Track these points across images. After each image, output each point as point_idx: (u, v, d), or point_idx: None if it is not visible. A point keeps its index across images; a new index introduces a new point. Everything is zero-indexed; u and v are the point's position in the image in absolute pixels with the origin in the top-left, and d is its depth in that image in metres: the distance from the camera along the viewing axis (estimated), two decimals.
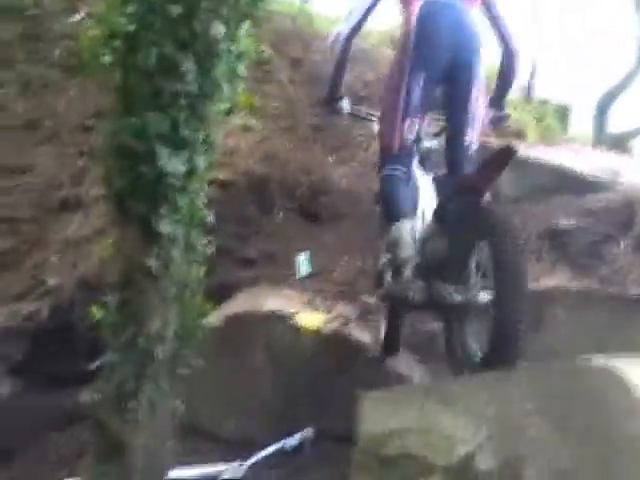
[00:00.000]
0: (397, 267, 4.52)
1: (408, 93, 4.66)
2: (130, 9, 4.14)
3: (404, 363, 5.32)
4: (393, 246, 4.55)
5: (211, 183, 6.31)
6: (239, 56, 4.35)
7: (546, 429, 3.38)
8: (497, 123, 5.34)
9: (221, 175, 6.91)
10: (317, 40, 9.23)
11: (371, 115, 5.37)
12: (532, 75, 12.27)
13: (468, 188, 4.18)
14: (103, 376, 4.30)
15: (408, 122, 4.70)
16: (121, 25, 4.12)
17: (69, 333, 6.22)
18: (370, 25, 5.44)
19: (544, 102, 10.31)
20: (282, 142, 7.57)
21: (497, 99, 5.15)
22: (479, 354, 4.18)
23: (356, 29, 4.96)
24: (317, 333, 5.56)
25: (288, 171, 7.17)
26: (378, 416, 3.93)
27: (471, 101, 4.72)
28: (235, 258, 6.59)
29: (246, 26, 4.36)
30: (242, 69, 4.38)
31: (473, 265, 4.19)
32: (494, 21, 4.95)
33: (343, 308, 5.75)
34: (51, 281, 6.65)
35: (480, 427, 3.57)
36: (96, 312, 4.51)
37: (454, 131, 4.81)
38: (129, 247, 4.26)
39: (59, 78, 8.83)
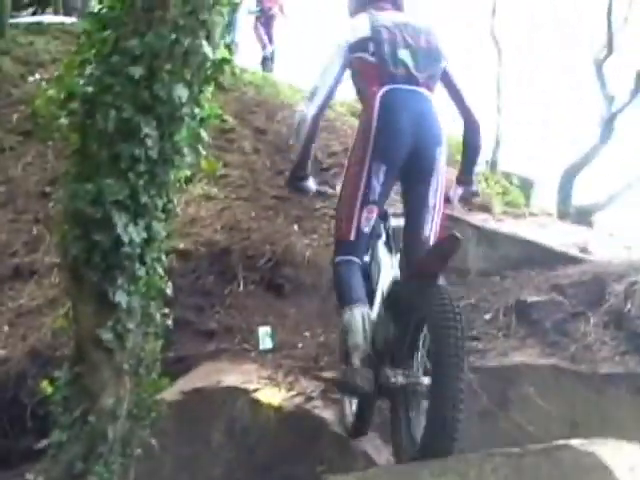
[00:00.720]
0: (347, 354, 4.42)
1: (367, 184, 4.55)
2: (88, 70, 3.98)
3: (370, 443, 5.10)
4: (344, 332, 4.46)
5: (170, 253, 6.21)
6: (202, 121, 4.20)
7: None
8: (467, 199, 5.39)
9: (181, 245, 6.77)
10: (282, 110, 9.22)
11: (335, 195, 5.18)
12: (496, 148, 12.33)
13: (422, 272, 4.11)
14: (50, 455, 4.09)
15: (365, 213, 4.59)
16: (79, 87, 3.97)
17: (17, 408, 5.99)
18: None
19: (507, 175, 10.31)
20: (244, 212, 7.43)
21: (465, 175, 5.07)
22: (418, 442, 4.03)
23: (322, 108, 4.84)
24: (279, 410, 5.35)
25: (250, 241, 7.03)
26: None
27: (431, 194, 4.62)
28: (194, 331, 6.39)
29: (210, 90, 4.22)
30: (205, 134, 4.23)
31: (419, 348, 4.15)
32: (455, 94, 4.89)
33: (306, 384, 5.56)
34: (0, 352, 6.38)
35: None
36: (46, 387, 4.31)
37: (412, 226, 4.70)
38: (83, 318, 4.06)
39: (16, 143, 8.68)
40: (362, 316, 4.35)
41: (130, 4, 3.94)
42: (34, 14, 12.63)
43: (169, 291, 4.44)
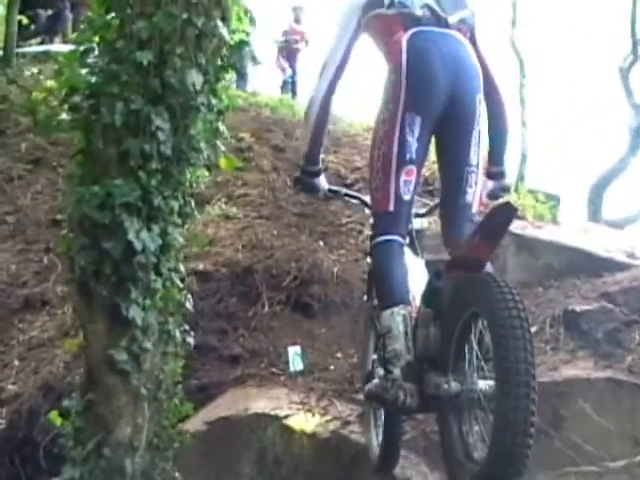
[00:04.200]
0: (386, 364, 3.75)
1: (401, 141, 3.85)
2: (92, 60, 3.54)
3: (414, 469, 4.62)
4: (383, 338, 3.76)
5: (190, 274, 5.79)
6: (220, 112, 3.74)
7: None
8: (498, 195, 4.44)
9: (200, 266, 6.37)
10: (299, 128, 8.86)
11: (351, 197, 4.63)
12: (522, 163, 11.94)
13: (466, 259, 3.44)
14: None
15: (404, 176, 3.87)
16: (82, 78, 3.52)
17: (30, 447, 5.55)
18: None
19: (533, 192, 9.90)
20: (266, 230, 7.05)
21: (494, 166, 4.36)
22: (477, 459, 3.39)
23: (332, 88, 4.14)
24: (313, 436, 4.89)
25: (274, 260, 6.62)
26: None
27: (472, 150, 3.95)
28: (218, 356, 5.94)
29: (228, 77, 3.77)
30: (223, 127, 3.78)
31: (472, 348, 3.42)
32: (482, 66, 4.10)
33: (341, 408, 5.11)
34: (10, 388, 5.94)
35: None
36: (55, 419, 3.87)
37: (452, 190, 4.03)
38: (94, 338, 3.60)
39: (25, 172, 8.34)
40: (405, 320, 3.70)
41: None
42: (42, 43, 12.38)
43: (189, 305, 3.97)
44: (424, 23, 3.94)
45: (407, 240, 4.11)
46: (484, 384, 3.34)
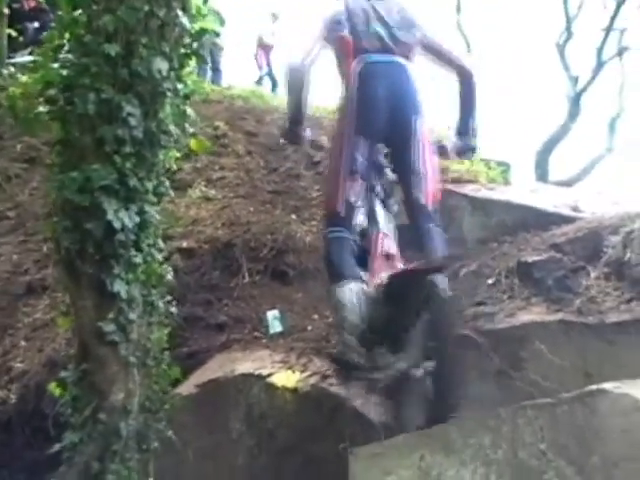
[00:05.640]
0: (340, 330, 4.18)
1: (349, 157, 4.29)
2: (64, 54, 3.41)
3: (390, 414, 4.54)
4: (335, 309, 4.21)
5: (174, 252, 5.67)
6: (186, 97, 3.62)
7: (567, 472, 2.66)
8: (465, 153, 4.97)
9: (184, 244, 6.26)
10: (270, 114, 8.80)
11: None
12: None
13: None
14: (66, 458, 3.52)
15: (349, 182, 4.31)
16: (55, 72, 3.39)
17: (39, 419, 5.44)
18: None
19: (485, 161, 9.81)
20: (243, 208, 6.93)
21: (462, 126, 4.68)
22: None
23: (310, 54, 4.39)
24: (295, 391, 4.79)
25: (251, 234, 6.51)
26: (373, 475, 3.17)
27: (414, 160, 4.39)
28: (204, 325, 5.85)
29: (191, 64, 3.65)
30: (191, 111, 3.66)
31: (416, 334, 3.94)
32: (440, 55, 4.62)
33: (319, 364, 5.01)
34: (18, 366, 5.82)
35: (489, 475, 2.84)
36: (55, 389, 3.76)
37: (406, 192, 4.49)
38: (83, 313, 3.49)
39: (21, 171, 8.19)
40: (356, 293, 4.07)
41: None
42: (30, 54, 12.12)
43: (170, 277, 3.86)
44: (373, 50, 4.36)
45: (382, 195, 4.56)
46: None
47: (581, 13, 12.81)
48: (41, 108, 3.47)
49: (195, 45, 3.57)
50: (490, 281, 5.59)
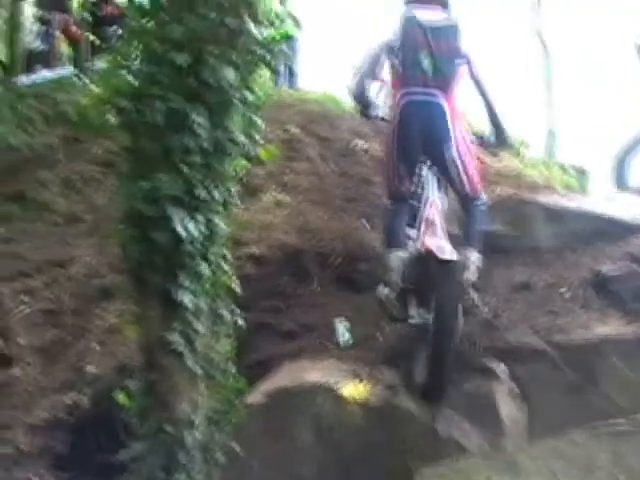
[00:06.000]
0: (388, 287, 5.06)
1: (394, 173, 5.19)
2: (135, 64, 3.38)
3: (458, 429, 4.44)
4: (385, 270, 5.07)
5: (244, 258, 5.62)
6: (255, 105, 3.56)
7: None
8: (493, 147, 5.67)
9: (255, 250, 6.23)
10: (343, 119, 8.70)
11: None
12: (550, 141, 11.58)
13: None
14: (131, 469, 3.50)
15: (397, 180, 5.19)
16: (126, 82, 3.37)
17: (112, 423, 5.45)
18: None
19: (562, 166, 9.58)
20: (314, 214, 6.85)
21: (491, 121, 5.33)
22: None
23: (369, 73, 5.24)
24: (363, 404, 4.77)
25: (322, 241, 6.47)
26: None
27: (449, 179, 5.20)
28: (273, 332, 5.78)
29: (261, 73, 3.59)
30: (259, 120, 3.60)
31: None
32: (477, 83, 5.23)
33: (388, 376, 4.93)
34: (91, 370, 5.85)
35: None
36: (122, 399, 3.75)
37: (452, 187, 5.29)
38: (149, 323, 3.46)
39: (98, 174, 8.23)
40: (401, 259, 4.98)
41: None
42: None
43: (237, 288, 3.81)
44: (415, 84, 5.03)
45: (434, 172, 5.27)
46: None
47: None
48: (111, 117, 3.44)
49: (265, 53, 3.49)
50: (564, 292, 5.47)
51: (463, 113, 5.32)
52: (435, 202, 5.23)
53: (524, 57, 14.11)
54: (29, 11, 11.41)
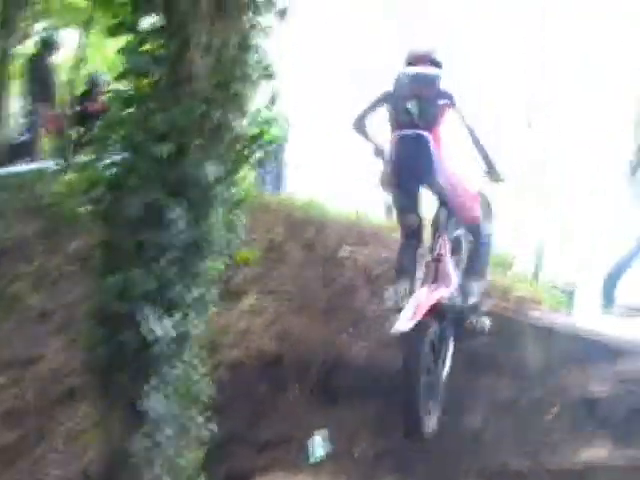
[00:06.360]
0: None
1: (398, 206, 5.82)
2: (114, 154, 3.25)
3: None
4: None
5: (221, 364, 5.42)
6: (237, 203, 3.41)
7: None
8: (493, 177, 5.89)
9: (233, 356, 6.10)
10: (329, 226, 8.56)
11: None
12: (538, 260, 11.54)
13: None
14: None
15: (401, 214, 5.80)
16: (103, 171, 3.23)
17: None
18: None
19: (548, 284, 9.51)
20: (296, 321, 6.65)
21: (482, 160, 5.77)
22: None
23: (366, 114, 5.92)
24: None
25: (302, 349, 6.25)
26: None
27: (444, 204, 5.69)
28: (247, 443, 5.54)
29: (246, 168, 3.45)
30: (241, 218, 3.45)
31: None
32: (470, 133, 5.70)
33: None
34: (55, 473, 5.56)
35: None
36: None
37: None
38: (111, 430, 3.22)
39: (74, 268, 8.04)
40: (399, 290, 5.41)
41: (156, 80, 3.21)
42: None
43: (211, 393, 3.59)
44: (405, 126, 5.58)
45: (450, 247, 5.68)
46: None
47: None
48: (84, 208, 3.29)
49: (250, 151, 3.36)
50: (552, 413, 5.28)
51: (455, 147, 5.78)
52: (443, 236, 5.68)
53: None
54: (15, 103, 11.46)
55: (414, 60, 5.87)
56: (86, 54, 12.08)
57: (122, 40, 3.40)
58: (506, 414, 5.38)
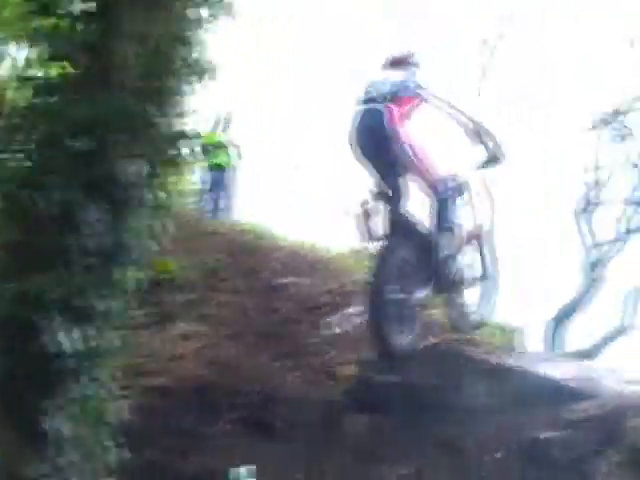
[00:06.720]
0: None
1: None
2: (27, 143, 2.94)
3: None
4: None
5: (148, 390, 5.14)
6: (157, 208, 3.10)
7: None
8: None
9: (160, 382, 5.80)
10: (274, 254, 8.39)
11: None
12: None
13: None
14: None
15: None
16: (13, 164, 2.92)
17: None
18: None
19: (495, 324, 9.38)
20: (231, 349, 6.40)
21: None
22: None
23: None
24: None
25: (235, 378, 5.96)
26: None
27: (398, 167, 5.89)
28: (173, 476, 5.12)
29: (173, 171, 3.16)
30: (159, 225, 3.14)
31: None
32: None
33: None
34: None
35: None
36: None
37: None
38: (6, 452, 2.88)
39: None
40: None
41: (77, 68, 2.92)
42: None
43: (124, 416, 3.27)
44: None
45: None
46: None
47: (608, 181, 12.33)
48: None
49: (174, 151, 3.07)
50: (498, 455, 5.07)
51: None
52: None
53: None
54: None
55: (391, 63, 6.24)
56: None
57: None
58: (449, 456, 5.15)
